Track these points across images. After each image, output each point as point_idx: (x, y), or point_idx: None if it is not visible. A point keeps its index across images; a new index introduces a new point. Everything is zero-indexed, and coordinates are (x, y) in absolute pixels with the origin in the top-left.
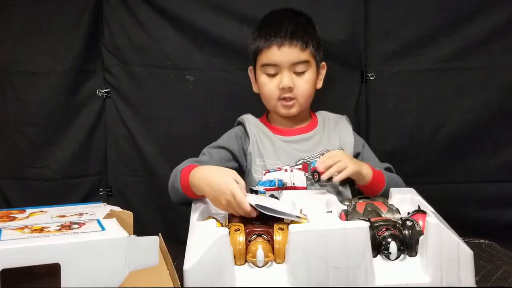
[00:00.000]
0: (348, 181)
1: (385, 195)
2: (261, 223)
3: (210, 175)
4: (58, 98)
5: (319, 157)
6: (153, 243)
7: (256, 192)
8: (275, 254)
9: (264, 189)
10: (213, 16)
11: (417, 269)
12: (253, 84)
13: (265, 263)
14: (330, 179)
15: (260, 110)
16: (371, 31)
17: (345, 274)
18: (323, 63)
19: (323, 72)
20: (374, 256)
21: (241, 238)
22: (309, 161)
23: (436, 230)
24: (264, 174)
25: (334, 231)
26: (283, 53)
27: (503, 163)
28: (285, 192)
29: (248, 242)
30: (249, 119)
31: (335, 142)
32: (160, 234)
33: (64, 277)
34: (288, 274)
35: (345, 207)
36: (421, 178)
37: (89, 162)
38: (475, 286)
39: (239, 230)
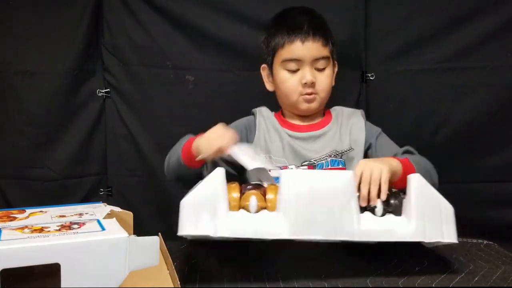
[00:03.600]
0: None
1: None
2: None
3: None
4: (58, 98)
5: (326, 159)
6: (153, 243)
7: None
8: (268, 207)
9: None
10: (213, 16)
11: (402, 222)
12: (267, 83)
13: (258, 209)
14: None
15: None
16: (371, 31)
17: (332, 216)
18: (335, 62)
19: (335, 70)
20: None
21: (235, 194)
22: (315, 163)
23: (417, 185)
24: (270, 170)
25: (323, 175)
26: (306, 48)
27: (503, 163)
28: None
29: (242, 195)
30: (262, 112)
31: (346, 140)
32: (160, 234)
33: (64, 277)
34: (278, 215)
35: None
36: None
37: (89, 162)
38: (457, 240)
39: (234, 185)
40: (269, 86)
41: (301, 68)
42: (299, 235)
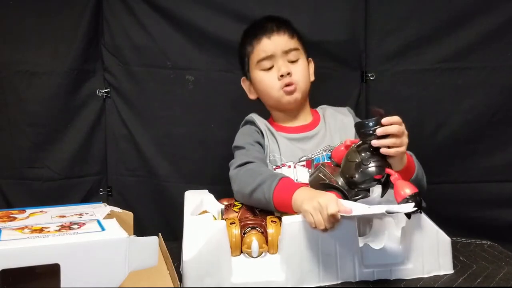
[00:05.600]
0: None
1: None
2: (254, 217)
3: (316, 194)
4: (58, 98)
5: (322, 153)
6: (153, 243)
7: None
8: (269, 245)
9: None
10: (213, 16)
11: (400, 259)
12: (249, 93)
13: (259, 254)
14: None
15: (261, 110)
16: (371, 31)
17: (334, 260)
18: (310, 58)
19: (312, 66)
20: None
21: (236, 231)
22: (312, 157)
23: (416, 220)
24: (274, 169)
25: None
26: (274, 42)
27: (503, 163)
28: None
29: (243, 234)
30: (258, 118)
31: (337, 137)
32: (160, 234)
33: (64, 277)
34: (281, 263)
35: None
36: None
37: (89, 162)
38: (452, 271)
39: (234, 223)
40: (252, 96)
41: (275, 63)
42: (302, 284)
